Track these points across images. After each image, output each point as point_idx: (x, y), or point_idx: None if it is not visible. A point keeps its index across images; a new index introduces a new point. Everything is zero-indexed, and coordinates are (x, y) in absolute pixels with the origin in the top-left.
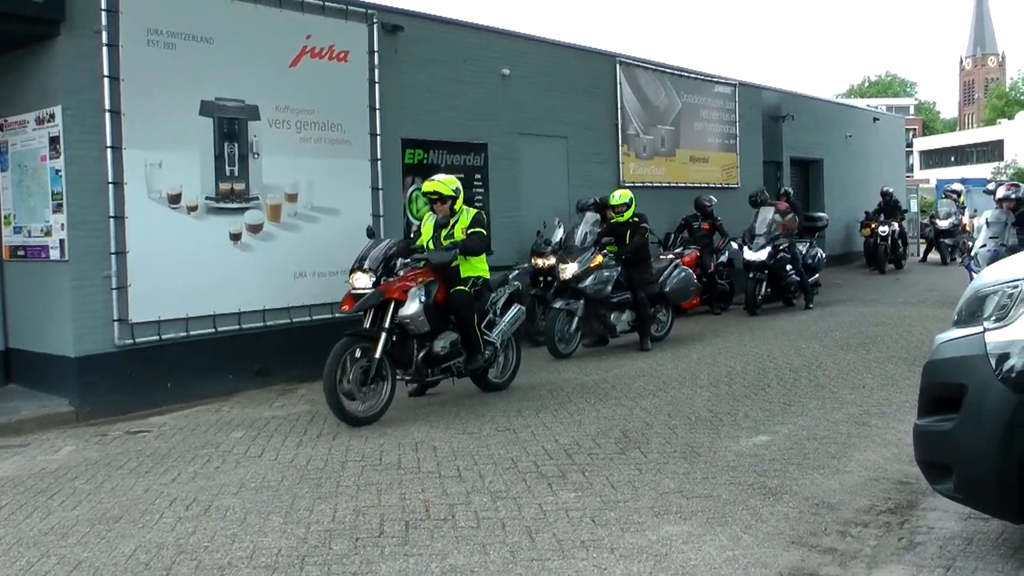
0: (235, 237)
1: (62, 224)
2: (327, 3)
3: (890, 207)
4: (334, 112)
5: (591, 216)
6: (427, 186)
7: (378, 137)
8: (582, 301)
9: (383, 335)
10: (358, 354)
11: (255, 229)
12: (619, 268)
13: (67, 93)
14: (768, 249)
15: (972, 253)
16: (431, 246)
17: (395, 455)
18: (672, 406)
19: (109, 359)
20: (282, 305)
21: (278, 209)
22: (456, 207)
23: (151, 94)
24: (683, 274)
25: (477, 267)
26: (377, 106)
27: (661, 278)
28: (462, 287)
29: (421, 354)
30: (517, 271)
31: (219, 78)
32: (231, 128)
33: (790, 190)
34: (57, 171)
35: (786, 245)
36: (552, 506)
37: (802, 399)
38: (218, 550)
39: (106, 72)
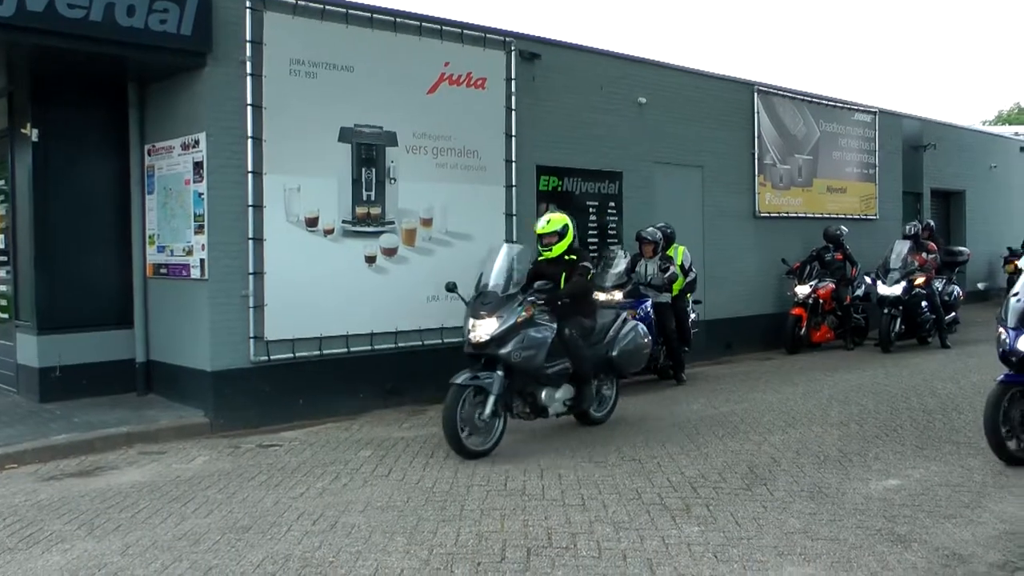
0: (370, 260)
1: (203, 245)
2: (466, 31)
3: None
4: (470, 138)
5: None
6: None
7: (513, 164)
8: (500, 372)
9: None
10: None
11: (390, 252)
12: (555, 324)
13: (212, 120)
14: (903, 284)
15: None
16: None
17: (520, 481)
18: (801, 443)
19: (244, 374)
20: (414, 328)
21: (413, 233)
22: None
23: (292, 121)
24: (633, 333)
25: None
26: (513, 133)
27: (607, 336)
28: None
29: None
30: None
31: (358, 105)
32: (369, 154)
33: (931, 223)
34: (200, 194)
35: (923, 281)
36: (675, 539)
37: (936, 443)
38: (342, 566)
39: (249, 100)
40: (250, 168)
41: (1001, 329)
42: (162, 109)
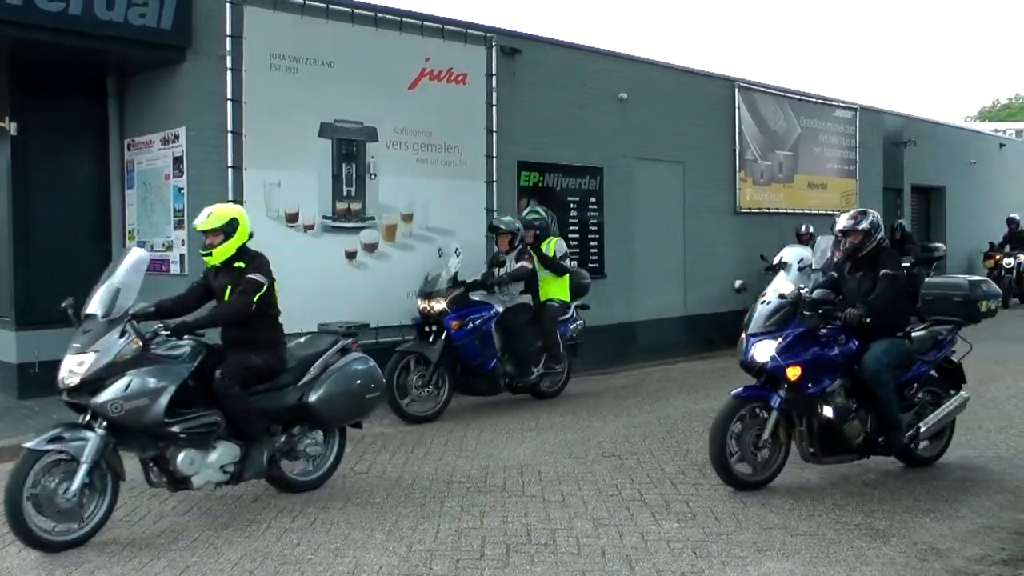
0: (350, 256)
1: (183, 240)
2: (446, 26)
3: (1017, 237)
4: (451, 134)
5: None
6: None
7: (494, 159)
8: (100, 431)
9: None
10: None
11: (370, 248)
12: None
13: (191, 115)
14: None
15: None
16: None
17: (500, 477)
18: None
19: None
20: (394, 323)
21: (393, 229)
22: None
23: (272, 116)
24: (343, 371)
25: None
26: (494, 128)
27: (307, 376)
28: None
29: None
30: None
31: (339, 100)
32: (349, 149)
33: (904, 223)
34: (180, 189)
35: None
36: (654, 536)
37: None
38: (321, 563)
39: (229, 95)
40: (230, 163)
41: (743, 335)
42: (142, 103)
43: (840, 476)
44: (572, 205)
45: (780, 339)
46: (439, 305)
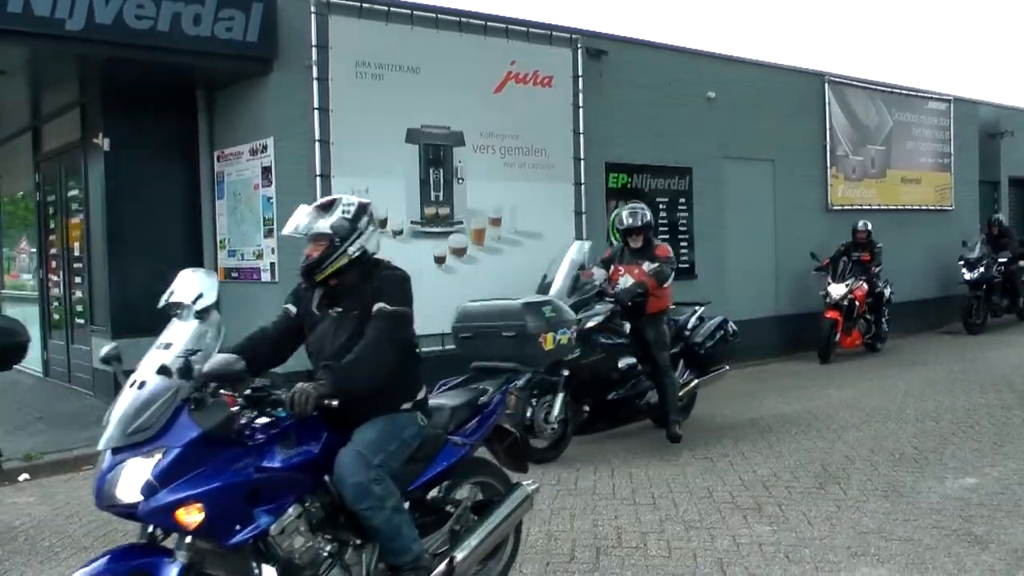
0: (439, 260)
1: (273, 248)
2: (531, 29)
3: None
4: (538, 137)
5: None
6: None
7: (582, 161)
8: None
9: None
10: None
11: (459, 252)
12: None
13: (279, 125)
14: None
15: None
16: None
17: (591, 480)
18: (875, 441)
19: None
20: None
21: (482, 233)
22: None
23: (359, 124)
24: None
25: None
26: (581, 130)
27: None
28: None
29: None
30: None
31: (425, 106)
32: (436, 154)
33: (1001, 217)
34: (269, 198)
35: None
36: (746, 539)
37: (1015, 440)
38: None
39: (316, 104)
40: (318, 171)
41: (101, 452)
42: (230, 115)
43: (936, 478)
44: (661, 206)
45: (160, 455)
46: None
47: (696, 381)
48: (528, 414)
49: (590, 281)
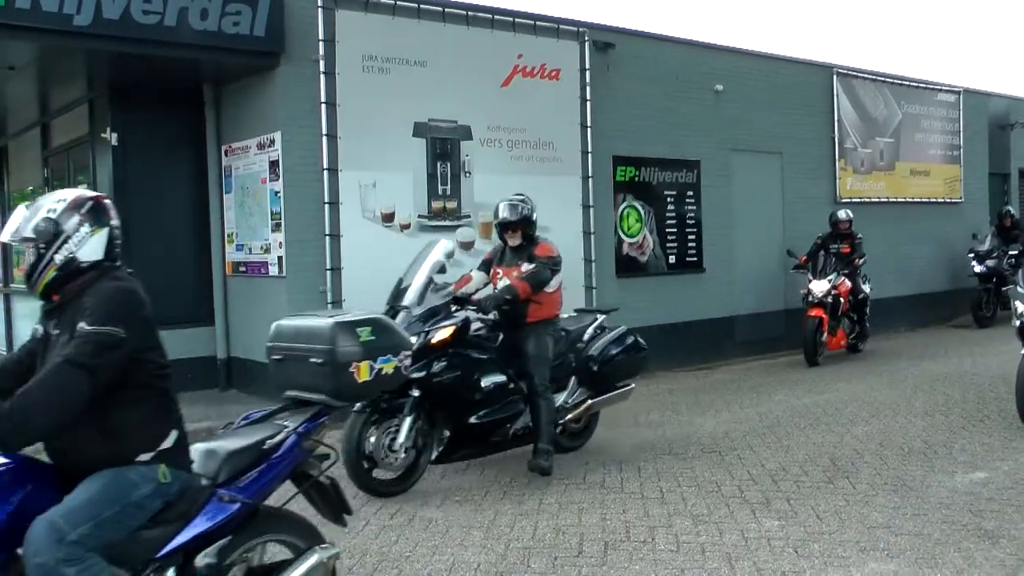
0: (447, 254)
1: (280, 242)
2: (538, 23)
3: None
4: (545, 130)
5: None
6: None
7: (589, 155)
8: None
9: None
10: None
11: (467, 246)
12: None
13: (286, 119)
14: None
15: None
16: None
17: (599, 474)
18: (884, 435)
19: None
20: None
21: (490, 226)
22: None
23: (366, 118)
24: None
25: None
26: (588, 124)
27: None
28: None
29: None
30: None
31: (432, 100)
32: (444, 148)
33: (1011, 209)
34: (276, 192)
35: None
36: (754, 533)
37: None
38: (419, 560)
39: (323, 99)
40: (325, 165)
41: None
42: (237, 110)
43: (945, 472)
44: (669, 199)
45: None
46: None
47: (590, 402)
48: (371, 441)
49: (447, 286)
